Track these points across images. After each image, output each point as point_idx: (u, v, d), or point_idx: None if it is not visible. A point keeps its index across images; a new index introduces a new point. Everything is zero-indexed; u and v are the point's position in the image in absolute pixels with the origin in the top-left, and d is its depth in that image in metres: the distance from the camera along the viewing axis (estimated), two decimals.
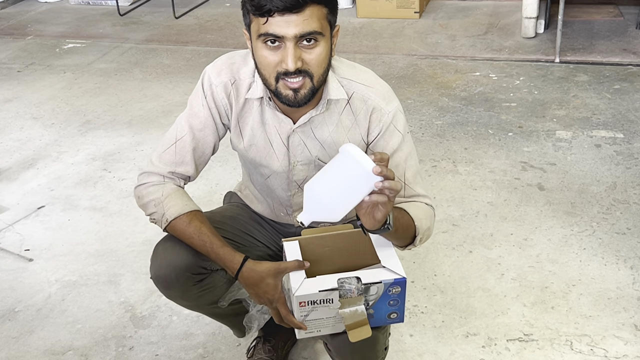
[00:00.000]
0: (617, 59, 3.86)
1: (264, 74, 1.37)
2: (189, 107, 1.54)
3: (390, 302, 1.38)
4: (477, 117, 3.30)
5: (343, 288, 1.33)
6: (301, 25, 1.28)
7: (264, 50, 1.34)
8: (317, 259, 1.48)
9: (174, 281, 1.51)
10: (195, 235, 1.46)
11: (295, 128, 1.49)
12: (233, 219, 1.68)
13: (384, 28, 4.65)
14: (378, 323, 1.41)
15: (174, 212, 1.47)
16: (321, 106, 1.46)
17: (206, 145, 1.55)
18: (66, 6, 5.68)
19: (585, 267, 2.24)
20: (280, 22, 1.28)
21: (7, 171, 3.08)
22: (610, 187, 2.67)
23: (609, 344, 1.93)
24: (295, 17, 1.28)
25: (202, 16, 5.20)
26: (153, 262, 1.53)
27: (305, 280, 1.35)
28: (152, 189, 1.51)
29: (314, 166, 1.54)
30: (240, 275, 1.43)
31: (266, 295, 1.42)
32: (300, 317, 1.37)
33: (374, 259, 1.45)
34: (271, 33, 1.30)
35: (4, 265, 2.43)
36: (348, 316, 1.35)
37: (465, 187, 2.73)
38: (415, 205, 1.47)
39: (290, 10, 1.27)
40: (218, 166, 2.94)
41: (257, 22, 1.32)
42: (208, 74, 1.52)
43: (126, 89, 3.93)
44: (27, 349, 2.04)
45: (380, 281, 1.34)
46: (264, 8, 1.28)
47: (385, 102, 1.48)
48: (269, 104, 1.48)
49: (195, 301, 1.59)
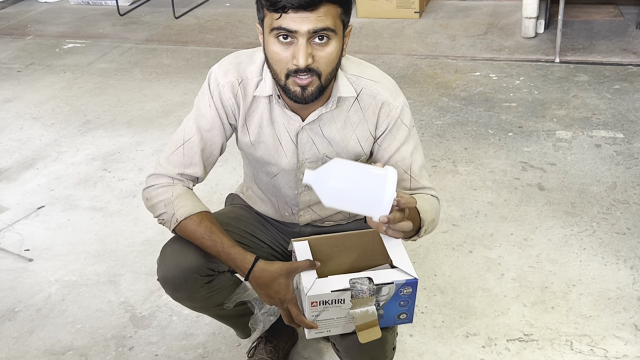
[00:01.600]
0: (617, 59, 3.86)
1: (275, 69, 1.37)
2: (196, 107, 1.53)
3: (400, 303, 1.38)
4: (477, 117, 3.30)
5: (355, 288, 1.33)
6: (314, 22, 1.29)
7: (276, 45, 1.34)
8: (327, 259, 1.47)
9: (182, 283, 1.50)
10: (206, 235, 1.45)
11: (304, 125, 1.49)
12: (238, 220, 1.67)
13: (384, 28, 4.65)
14: (387, 323, 1.41)
15: (184, 212, 1.46)
16: (331, 103, 1.46)
17: (214, 146, 1.54)
18: (66, 6, 5.68)
19: (585, 267, 2.24)
20: (294, 18, 1.29)
21: (7, 171, 3.07)
22: (611, 187, 2.67)
23: (609, 344, 1.93)
24: (309, 14, 1.28)
25: (202, 16, 5.20)
26: (160, 264, 1.52)
27: (317, 280, 1.34)
28: (162, 190, 1.50)
29: (322, 164, 1.54)
30: (251, 275, 1.42)
31: (278, 295, 1.41)
32: (311, 317, 1.37)
33: (383, 258, 1.45)
34: (284, 27, 1.30)
35: (4, 265, 2.43)
36: (359, 316, 1.35)
37: (465, 187, 2.73)
38: (421, 197, 1.48)
39: (305, 8, 1.28)
40: (218, 166, 2.94)
41: (270, 16, 1.32)
42: (215, 74, 1.51)
43: (126, 89, 3.93)
44: (27, 349, 2.04)
45: (392, 282, 1.34)
46: (279, 4, 1.28)
47: (393, 96, 1.49)
48: (277, 101, 1.47)
49: (202, 303, 1.58)
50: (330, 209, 1.65)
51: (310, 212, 1.65)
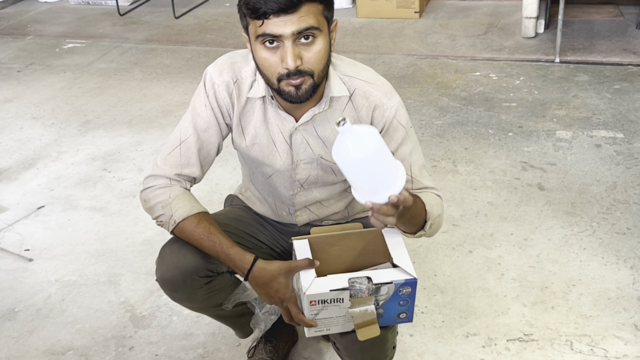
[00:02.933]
0: (617, 59, 3.86)
1: (266, 75, 1.38)
2: (192, 108, 1.54)
3: (400, 302, 1.38)
4: (477, 117, 3.30)
5: (354, 288, 1.33)
6: (297, 23, 1.29)
7: (264, 52, 1.34)
8: (327, 257, 1.47)
9: (180, 284, 1.50)
10: (204, 236, 1.45)
11: (297, 126, 1.49)
12: (237, 221, 1.67)
13: (384, 28, 4.65)
14: (387, 323, 1.41)
15: (182, 214, 1.46)
16: (323, 103, 1.46)
17: (211, 146, 1.54)
18: (66, 6, 5.68)
19: (585, 267, 2.24)
20: (276, 22, 1.29)
21: (7, 171, 3.08)
22: (611, 187, 2.67)
23: (609, 344, 1.93)
24: (290, 16, 1.29)
25: (202, 16, 5.20)
26: (159, 265, 1.53)
27: (315, 279, 1.35)
28: (159, 191, 1.50)
29: (316, 165, 1.54)
30: (250, 275, 1.42)
31: (277, 295, 1.41)
32: (310, 315, 1.37)
33: (383, 257, 1.45)
34: (268, 33, 1.30)
35: (4, 265, 2.43)
36: (358, 315, 1.35)
37: (465, 187, 2.73)
38: (426, 193, 1.48)
39: (286, 11, 1.28)
40: (218, 166, 2.94)
41: (254, 24, 1.32)
42: (210, 73, 1.51)
43: (126, 89, 3.93)
44: (27, 349, 2.04)
45: (391, 281, 1.34)
46: (260, 11, 1.28)
47: (387, 97, 1.49)
48: (271, 102, 1.48)
49: (201, 303, 1.59)
50: (328, 209, 1.65)
51: (307, 212, 1.66)
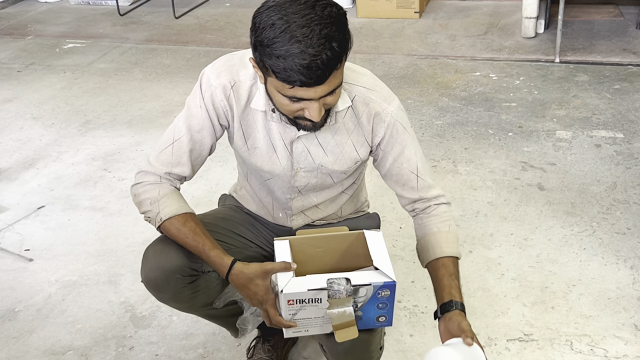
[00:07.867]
0: (617, 59, 3.86)
1: (281, 111, 1.38)
2: (187, 108, 1.54)
3: (379, 305, 1.38)
4: (477, 117, 3.30)
5: (332, 288, 1.34)
6: (327, 88, 1.29)
7: (283, 99, 1.33)
8: (309, 259, 1.48)
9: (164, 284, 1.51)
10: (190, 236, 1.47)
11: (299, 135, 1.49)
12: (225, 221, 1.68)
13: (384, 28, 4.65)
14: (366, 325, 1.42)
15: (168, 212, 1.48)
16: (329, 119, 1.46)
17: (203, 147, 1.55)
18: (66, 6, 5.68)
19: (585, 267, 2.24)
20: (307, 89, 1.28)
21: (7, 171, 3.08)
22: (610, 187, 2.67)
23: (609, 344, 1.93)
24: (322, 85, 1.28)
25: (202, 16, 5.20)
26: (143, 266, 1.54)
27: (293, 279, 1.36)
28: (149, 187, 1.52)
29: (317, 173, 1.55)
30: (230, 277, 1.44)
31: (256, 297, 1.43)
32: (288, 316, 1.38)
33: (366, 261, 1.45)
34: (297, 97, 1.30)
35: (4, 265, 2.43)
36: (336, 317, 1.36)
37: (465, 187, 2.73)
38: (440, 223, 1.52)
39: (319, 84, 1.27)
40: (218, 166, 2.94)
41: (280, 83, 1.29)
42: (207, 75, 1.51)
43: (126, 89, 3.93)
44: (27, 349, 2.04)
45: (370, 283, 1.35)
46: (293, 83, 1.27)
47: (387, 102, 1.50)
48: (272, 116, 1.48)
49: (187, 303, 1.59)
50: (323, 212, 1.66)
51: (303, 216, 1.67)
